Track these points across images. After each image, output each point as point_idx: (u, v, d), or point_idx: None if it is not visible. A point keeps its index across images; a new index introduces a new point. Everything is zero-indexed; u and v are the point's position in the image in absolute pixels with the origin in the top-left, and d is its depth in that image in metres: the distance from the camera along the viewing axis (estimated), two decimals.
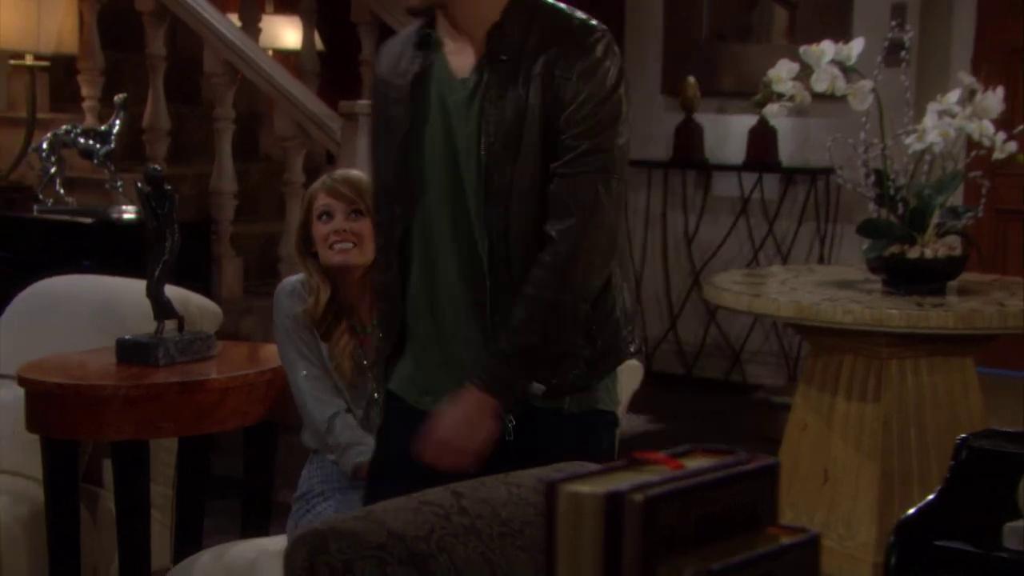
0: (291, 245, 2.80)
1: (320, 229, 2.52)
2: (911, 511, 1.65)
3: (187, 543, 2.80)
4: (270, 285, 3.22)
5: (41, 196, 4.35)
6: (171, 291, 2.84)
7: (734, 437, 4.47)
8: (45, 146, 4.28)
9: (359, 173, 2.61)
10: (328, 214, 2.52)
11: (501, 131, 1.81)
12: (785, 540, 1.00)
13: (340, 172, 2.60)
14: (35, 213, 4.35)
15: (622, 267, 2.07)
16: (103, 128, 4.27)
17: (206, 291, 4.26)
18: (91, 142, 4.26)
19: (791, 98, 3.32)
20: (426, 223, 1.88)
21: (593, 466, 1.11)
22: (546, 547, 0.93)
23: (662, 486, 0.94)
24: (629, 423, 2.88)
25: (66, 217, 4.28)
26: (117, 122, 4.22)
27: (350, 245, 2.51)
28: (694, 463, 1.02)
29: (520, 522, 1.36)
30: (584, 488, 0.94)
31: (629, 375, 2.87)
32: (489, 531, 1.32)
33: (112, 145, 4.22)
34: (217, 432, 2.79)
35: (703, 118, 5.59)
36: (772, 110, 3.35)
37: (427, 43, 1.88)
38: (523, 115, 1.81)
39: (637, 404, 2.87)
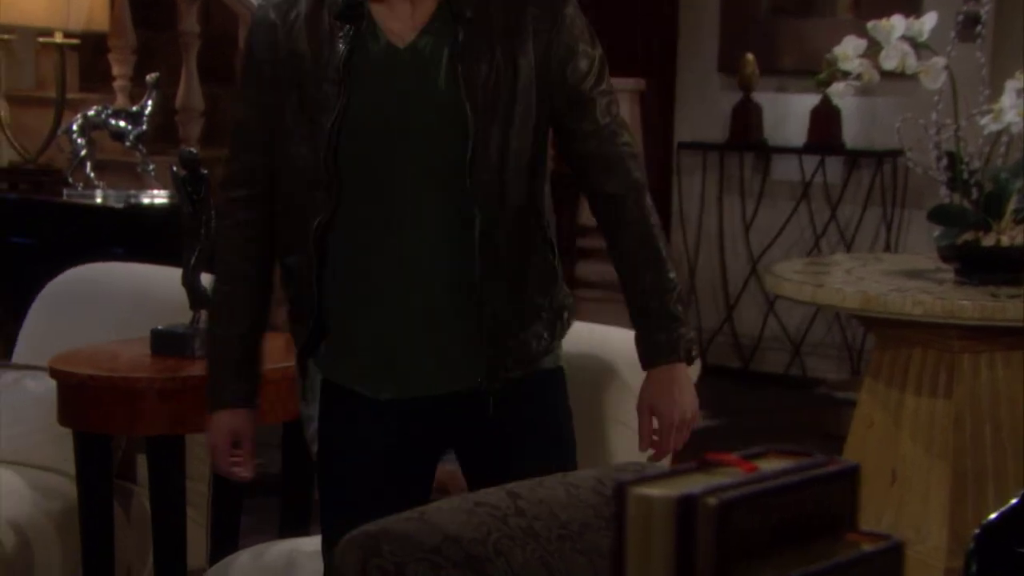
0: None
1: None
2: (993, 516, 1.63)
3: (223, 542, 2.82)
4: None
5: (70, 180, 4.39)
6: (207, 280, 2.86)
7: (794, 434, 4.44)
8: (75, 128, 4.32)
9: None
10: None
11: (487, 97, 1.75)
12: (866, 547, 0.99)
13: None
14: (64, 197, 4.40)
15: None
16: (135, 109, 4.31)
17: None
18: (122, 123, 4.29)
19: (858, 77, 3.28)
20: (362, 208, 1.79)
21: (660, 466, 1.11)
22: (614, 552, 0.93)
23: (736, 489, 0.94)
24: None
25: (96, 202, 4.32)
26: (149, 102, 4.26)
27: None
28: (769, 465, 1.01)
29: (579, 524, 1.36)
30: (654, 491, 0.94)
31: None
32: (547, 534, 1.32)
33: (144, 126, 4.26)
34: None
35: (762, 97, 5.55)
36: (837, 89, 3.32)
37: (353, 12, 1.78)
38: (512, 77, 1.76)
39: None
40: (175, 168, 2.84)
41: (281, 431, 2.91)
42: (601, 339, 2.94)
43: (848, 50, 3.26)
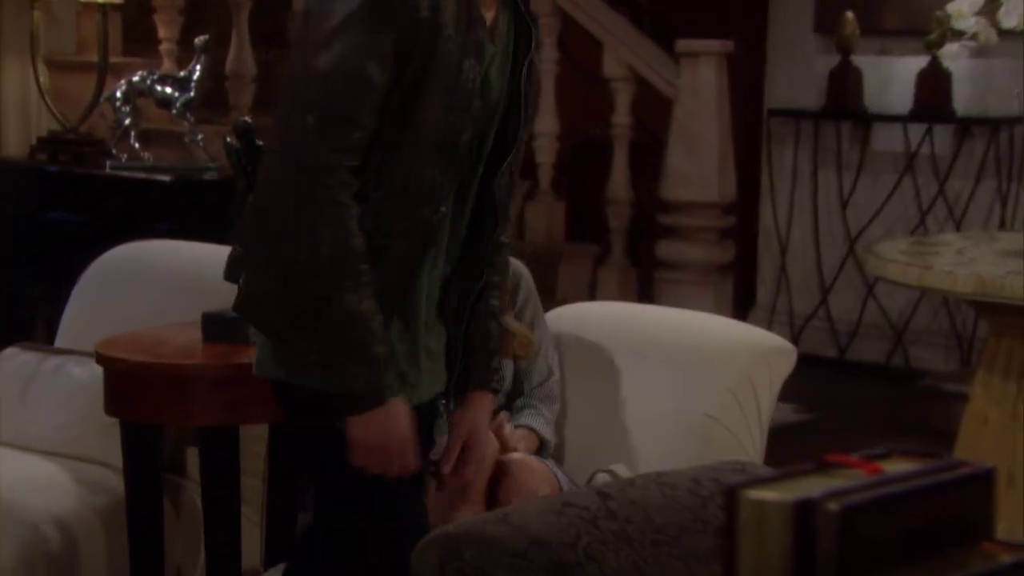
0: None
1: None
2: None
3: (278, 542, 2.84)
4: None
5: (114, 151, 4.44)
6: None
7: (896, 430, 4.39)
8: (118, 94, 4.36)
9: None
10: None
11: (531, 95, 1.92)
12: (1005, 558, 0.97)
13: None
14: (107, 170, 4.45)
15: None
16: (182, 74, 4.34)
17: None
18: (169, 90, 4.33)
19: (973, 36, 3.22)
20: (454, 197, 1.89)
21: (769, 469, 1.09)
22: (726, 561, 0.92)
23: (859, 493, 0.92)
24: (775, 413, 2.85)
25: (142, 174, 4.36)
26: (198, 67, 4.28)
27: None
28: (893, 467, 1.00)
29: (676, 528, 1.35)
30: (769, 494, 0.93)
31: (780, 359, 2.84)
32: (641, 538, 1.31)
33: (192, 93, 4.28)
34: None
35: (862, 60, 5.48)
36: (950, 51, 3.27)
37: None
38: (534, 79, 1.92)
39: (782, 391, 2.84)
40: (228, 139, 2.86)
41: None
42: (685, 325, 2.92)
43: (963, 7, 3.21)
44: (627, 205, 5.05)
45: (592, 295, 5.02)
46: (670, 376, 2.76)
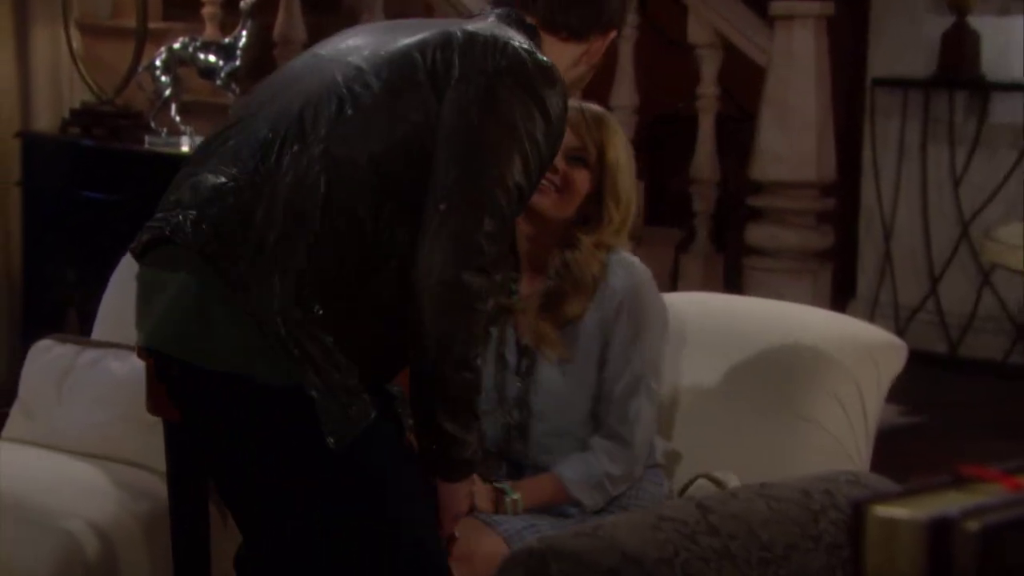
0: None
1: None
2: None
3: None
4: None
5: (153, 124, 4.48)
6: None
7: (1015, 435, 4.35)
8: (158, 63, 4.40)
9: (599, 109, 2.60)
10: None
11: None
12: None
13: (588, 104, 2.61)
14: (146, 145, 4.50)
15: None
16: (227, 41, 4.38)
17: None
18: (212, 58, 4.36)
19: None
20: None
21: (886, 480, 1.08)
22: None
23: (1001, 512, 0.91)
24: (881, 414, 2.83)
25: (183, 150, 4.40)
26: (244, 34, 4.31)
27: (553, 188, 2.52)
28: None
29: (783, 546, 1.34)
30: (900, 511, 0.92)
31: (888, 356, 2.82)
32: (746, 556, 1.31)
33: (238, 62, 4.32)
34: None
35: (980, 22, 5.41)
36: None
37: None
38: None
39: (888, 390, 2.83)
40: None
41: None
42: (778, 318, 2.90)
43: None
44: (713, 185, 5.01)
45: (673, 285, 5.00)
46: (763, 375, 2.75)
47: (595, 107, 2.60)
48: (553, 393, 2.54)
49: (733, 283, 5.03)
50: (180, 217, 2.15)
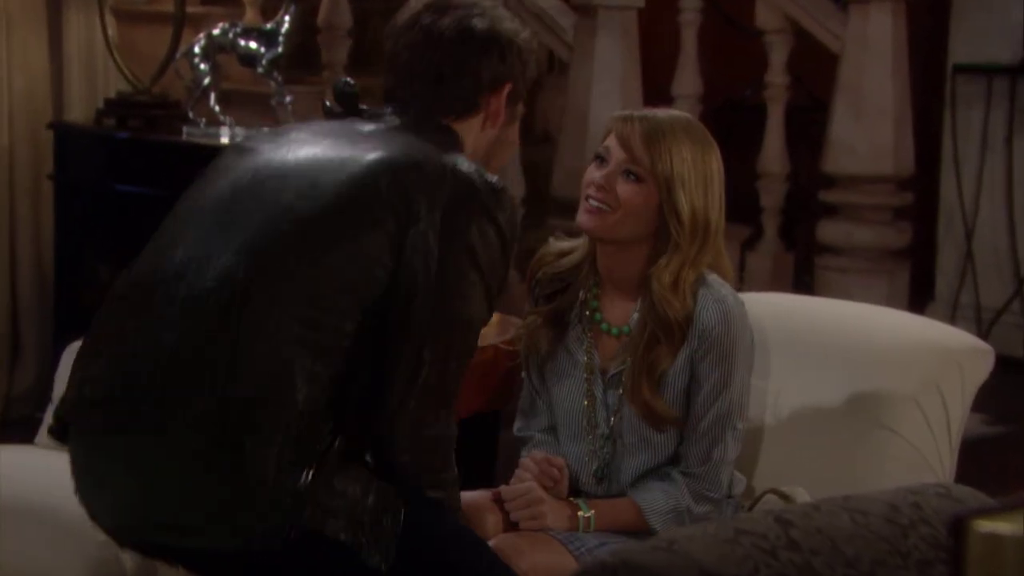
0: (560, 183, 2.85)
1: (588, 172, 2.54)
2: None
3: None
4: None
5: (191, 114, 4.50)
6: None
7: None
8: (197, 50, 4.41)
9: (658, 119, 2.52)
10: (603, 158, 2.52)
11: None
12: None
13: (652, 112, 2.56)
14: (184, 136, 4.51)
15: None
16: (269, 27, 4.38)
17: None
18: (253, 45, 4.37)
19: None
20: None
21: (975, 492, 1.06)
22: None
23: None
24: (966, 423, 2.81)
25: (222, 141, 4.41)
26: (286, 19, 4.32)
27: (603, 207, 2.49)
28: None
29: (870, 563, 1.33)
30: (1005, 527, 0.90)
31: (974, 361, 2.79)
32: (830, 572, 1.30)
33: (280, 49, 4.32)
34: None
35: None
36: None
37: None
38: None
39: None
40: (327, 102, 2.88)
41: None
42: (854, 319, 2.89)
43: None
44: (782, 179, 5.00)
45: (739, 285, 4.97)
46: (838, 381, 2.73)
47: (655, 115, 2.53)
48: (641, 431, 2.53)
49: (803, 283, 5.01)
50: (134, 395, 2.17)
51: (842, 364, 2.75)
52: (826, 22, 4.80)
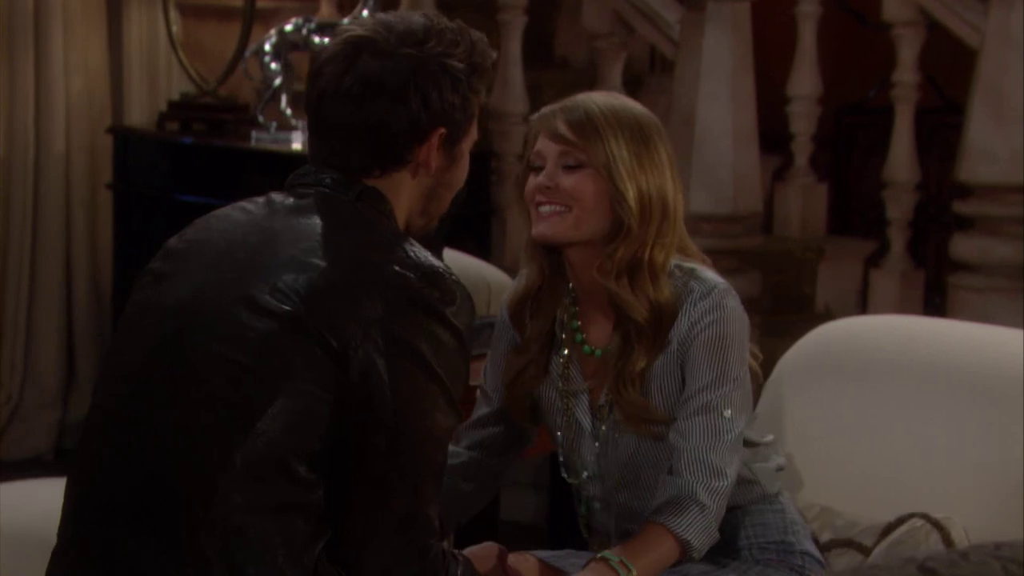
0: None
1: (528, 184, 2.49)
2: None
3: None
4: None
5: (261, 119, 4.52)
6: (452, 258, 2.88)
7: None
8: (268, 48, 4.44)
9: (582, 104, 2.49)
10: (538, 165, 2.48)
11: None
12: None
13: (572, 99, 2.51)
14: (252, 143, 4.53)
15: None
16: (346, 22, 4.39)
17: (483, 254, 4.33)
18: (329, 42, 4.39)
19: None
20: None
21: None
22: None
23: None
24: None
25: (294, 147, 4.43)
26: (365, 13, 4.33)
27: (558, 208, 2.45)
28: None
29: None
30: None
31: None
32: None
33: None
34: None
35: None
36: None
37: None
38: None
39: None
40: None
41: (537, 469, 2.91)
42: (996, 347, 2.85)
43: None
44: (911, 189, 4.93)
45: (863, 306, 4.93)
46: (979, 415, 2.71)
47: (575, 101, 2.50)
48: (633, 455, 2.52)
49: (934, 305, 4.94)
50: None
51: (985, 396, 2.73)
52: (964, 13, 4.72)
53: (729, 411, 2.46)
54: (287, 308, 2.09)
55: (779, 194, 5.15)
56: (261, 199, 2.26)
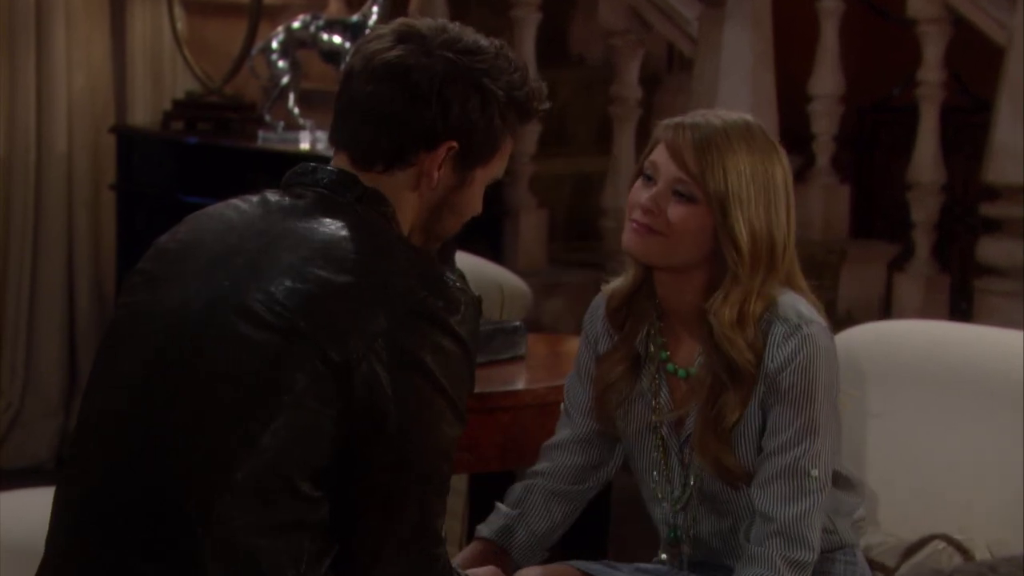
0: (618, 193, 2.79)
1: (634, 190, 2.45)
2: None
3: None
4: (585, 251, 3.21)
5: (268, 118, 4.52)
6: (465, 261, 2.88)
7: None
8: (275, 45, 4.44)
9: (710, 125, 2.42)
10: (651, 176, 2.43)
11: None
12: None
13: (704, 118, 2.45)
14: (259, 142, 4.53)
15: None
16: (355, 20, 4.40)
17: (495, 256, 4.32)
18: (338, 39, 4.39)
19: None
20: None
21: None
22: None
23: None
24: None
25: (302, 147, 4.42)
26: (374, 11, 4.33)
27: (651, 228, 2.40)
28: None
29: None
30: None
31: None
32: None
33: None
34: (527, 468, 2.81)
35: None
36: None
37: None
38: None
39: None
40: None
41: None
42: (1020, 351, 2.83)
43: None
44: (936, 190, 4.92)
45: (886, 311, 4.91)
46: (1007, 422, 2.70)
47: (708, 121, 2.43)
48: (718, 489, 2.47)
49: (960, 310, 4.93)
50: None
51: (1007, 401, 2.73)
52: (990, 9, 4.70)
53: (816, 471, 2.39)
54: (286, 320, 2.07)
55: (800, 195, 5.13)
56: (255, 197, 2.24)
